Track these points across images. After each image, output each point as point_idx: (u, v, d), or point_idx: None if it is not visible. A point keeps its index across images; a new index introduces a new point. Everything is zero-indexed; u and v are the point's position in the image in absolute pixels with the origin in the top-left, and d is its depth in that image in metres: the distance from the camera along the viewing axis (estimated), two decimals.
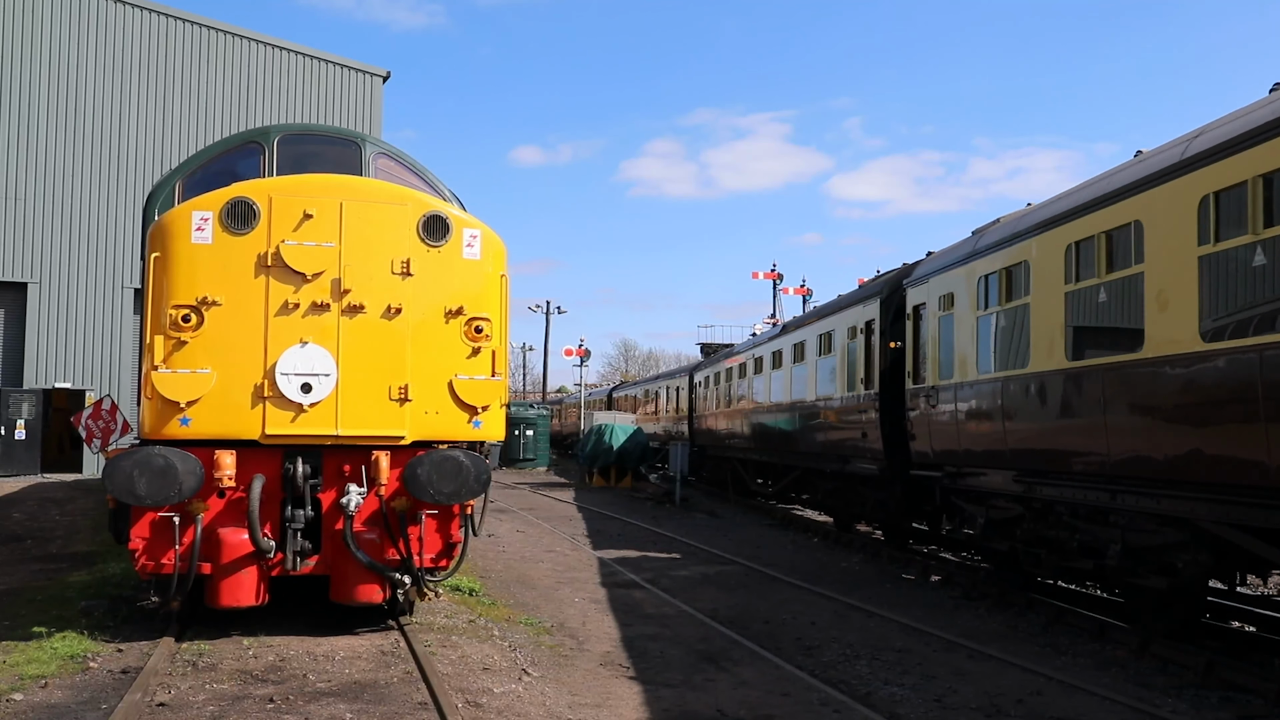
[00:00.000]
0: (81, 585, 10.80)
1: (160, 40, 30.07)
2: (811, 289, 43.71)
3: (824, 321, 18.99)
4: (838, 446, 17.57)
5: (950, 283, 12.95)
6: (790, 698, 7.71)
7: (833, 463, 17.91)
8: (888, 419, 15.14)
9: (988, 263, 11.86)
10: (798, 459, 20.64)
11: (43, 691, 6.84)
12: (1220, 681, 8.17)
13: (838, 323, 17.96)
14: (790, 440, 20.96)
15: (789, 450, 21.19)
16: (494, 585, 12.29)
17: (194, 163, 10.70)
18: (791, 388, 20.86)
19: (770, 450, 23.10)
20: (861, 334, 16.51)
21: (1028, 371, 10.68)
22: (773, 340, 23.27)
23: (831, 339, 18.30)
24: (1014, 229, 11.37)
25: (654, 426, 40.13)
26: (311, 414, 8.39)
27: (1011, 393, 11.02)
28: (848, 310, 17.54)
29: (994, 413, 11.42)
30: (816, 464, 19.15)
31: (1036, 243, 10.72)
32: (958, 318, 12.62)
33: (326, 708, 6.53)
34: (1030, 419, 10.71)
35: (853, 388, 16.82)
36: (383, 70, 32.46)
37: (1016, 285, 11.20)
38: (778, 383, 22.07)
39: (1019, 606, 11.46)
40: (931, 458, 13.33)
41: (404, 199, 8.97)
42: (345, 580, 8.44)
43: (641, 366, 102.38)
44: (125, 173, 29.48)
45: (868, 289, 17.00)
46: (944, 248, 14.07)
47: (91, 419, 17.77)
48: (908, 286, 14.65)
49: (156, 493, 7.82)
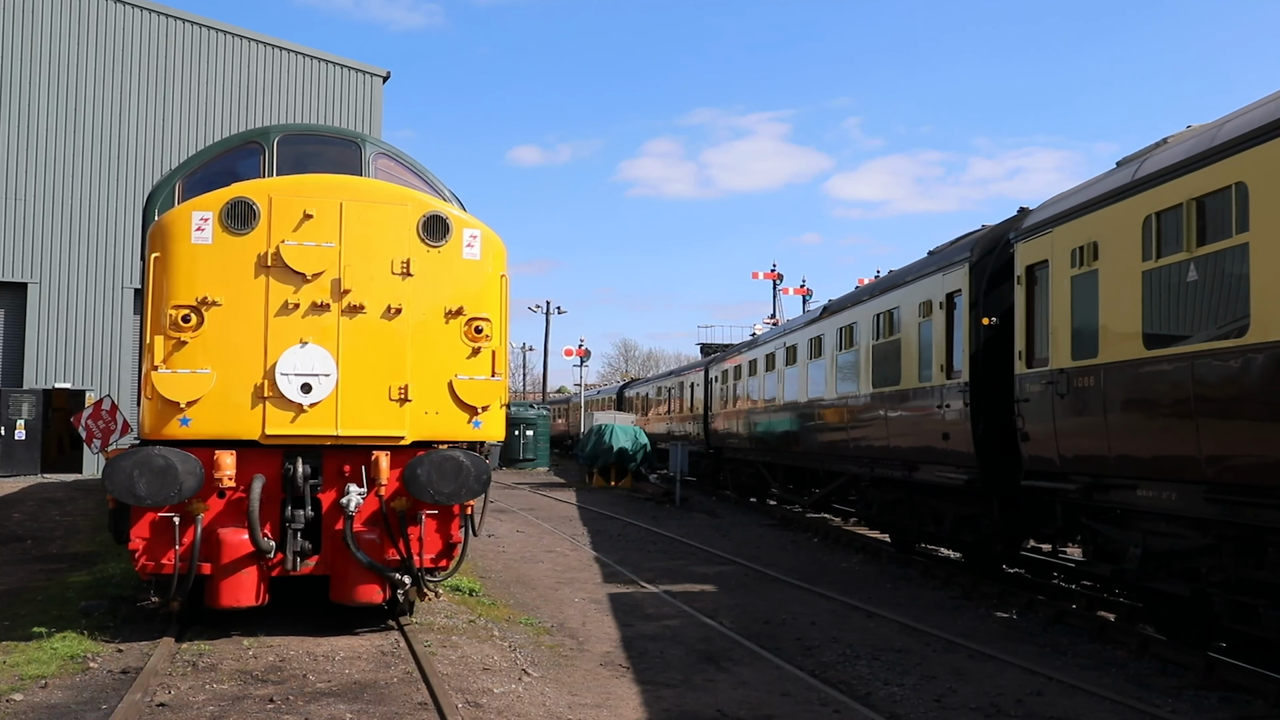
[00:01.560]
0: (81, 585, 10.81)
1: (160, 40, 30.09)
2: (811, 289, 43.78)
3: (883, 299, 15.51)
4: (901, 451, 14.44)
5: (1093, 228, 9.65)
6: (790, 698, 7.71)
7: (893, 469, 14.79)
8: (980, 415, 12.04)
9: (1162, 195, 8.56)
10: (844, 464, 17.35)
11: (43, 692, 6.85)
12: (1220, 682, 8.17)
13: (903, 298, 14.62)
14: (833, 443, 17.81)
15: (832, 454, 17.99)
16: (494, 585, 12.29)
17: (194, 163, 10.71)
18: (836, 380, 17.61)
19: (806, 454, 19.80)
20: (941, 309, 13.23)
21: (1245, 343, 7.41)
22: (810, 325, 19.85)
23: (894, 319, 14.94)
24: (1212, 141, 8.07)
25: (667, 427, 37.05)
26: (311, 414, 8.39)
27: (1213, 373, 7.77)
28: (918, 283, 14.17)
29: (1177, 403, 8.17)
30: (869, 470, 15.88)
31: (1261, 154, 7.40)
32: (1108, 274, 9.35)
33: (326, 708, 6.53)
34: (1246, 412, 7.48)
35: (927, 377, 13.50)
36: (383, 70, 32.47)
37: (1220, 220, 7.91)
38: (817, 375, 18.84)
39: (1019, 606, 11.46)
40: (1058, 465, 10.12)
41: (404, 199, 8.98)
42: (345, 580, 8.45)
43: (641, 366, 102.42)
44: (125, 173, 29.50)
45: (947, 254, 13.51)
46: (1066, 190, 10.86)
47: (91, 419, 17.77)
48: (1017, 242, 11.33)
49: (156, 493, 7.82)
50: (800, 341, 20.37)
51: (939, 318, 13.32)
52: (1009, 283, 11.67)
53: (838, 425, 17.53)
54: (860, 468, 16.38)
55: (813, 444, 19.15)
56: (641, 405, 43.72)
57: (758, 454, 24.25)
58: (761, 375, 23.61)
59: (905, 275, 14.97)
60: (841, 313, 17.70)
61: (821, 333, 18.77)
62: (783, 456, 21.86)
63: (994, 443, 11.79)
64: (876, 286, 16.46)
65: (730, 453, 27.57)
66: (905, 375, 14.31)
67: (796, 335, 20.85)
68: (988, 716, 7.42)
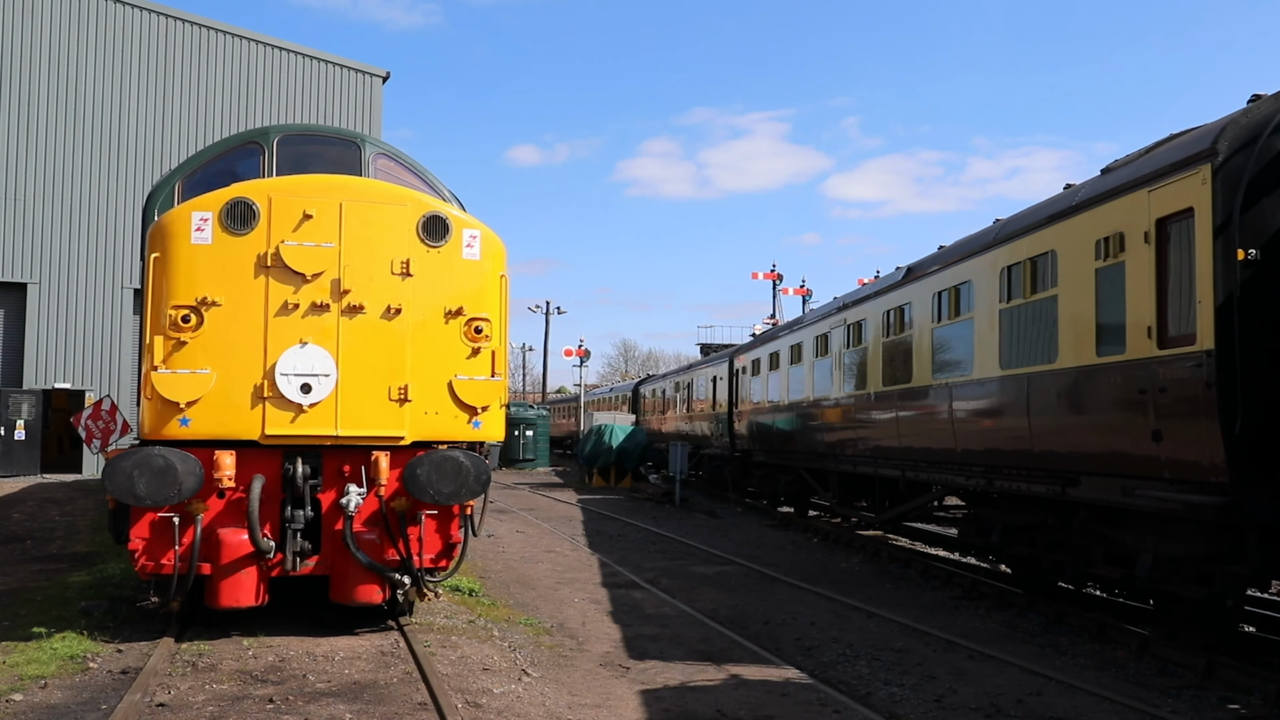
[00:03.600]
0: (81, 585, 10.81)
1: (160, 40, 30.09)
2: (811, 289, 43.79)
3: (1018, 244, 11.22)
4: (1051, 457, 10.32)
5: None
6: (790, 698, 7.71)
7: (1032, 483, 10.77)
8: (1236, 402, 7.76)
9: None
10: (942, 473, 13.22)
11: (42, 692, 6.85)
12: (1220, 682, 8.17)
13: (1064, 238, 10.24)
14: (923, 448, 13.75)
15: (920, 461, 13.86)
16: (494, 585, 12.30)
17: (194, 163, 10.71)
18: (934, 362, 13.40)
19: (876, 458, 15.58)
20: (1146, 243, 8.89)
21: None
22: (881, 296, 15.66)
23: (1043, 270, 10.69)
24: None
25: (685, 427, 33.00)
26: (311, 414, 8.39)
27: None
28: (1097, 211, 9.73)
29: None
30: (985, 483, 11.86)
31: None
32: None
33: (326, 708, 6.53)
34: None
35: (1115, 349, 9.22)
36: (382, 70, 32.48)
37: None
38: (901, 356, 14.56)
39: (1018, 606, 11.46)
40: None
41: (404, 199, 8.98)
42: (345, 580, 8.45)
43: (641, 367, 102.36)
44: (125, 173, 29.50)
45: (1159, 157, 9.12)
46: None
47: (91, 419, 17.78)
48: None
49: (156, 493, 7.82)
50: (870, 317, 16.08)
51: (1140, 258, 9.00)
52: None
53: (928, 424, 13.57)
54: (971, 479, 12.27)
55: (886, 447, 15.11)
56: (660, 404, 38.69)
57: (802, 458, 20.05)
58: (809, 362, 19.47)
59: (1065, 204, 10.46)
60: (936, 274, 13.56)
61: (906, 302, 14.62)
62: (840, 462, 17.46)
63: (1262, 445, 7.75)
64: (1003, 230, 11.83)
65: (764, 455, 23.36)
66: (1067, 349, 10.05)
67: (863, 309, 16.47)
68: (987, 716, 7.43)
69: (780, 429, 21.56)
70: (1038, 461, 10.61)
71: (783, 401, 21.31)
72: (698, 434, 31.04)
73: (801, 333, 20.34)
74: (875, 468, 15.70)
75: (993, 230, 12.28)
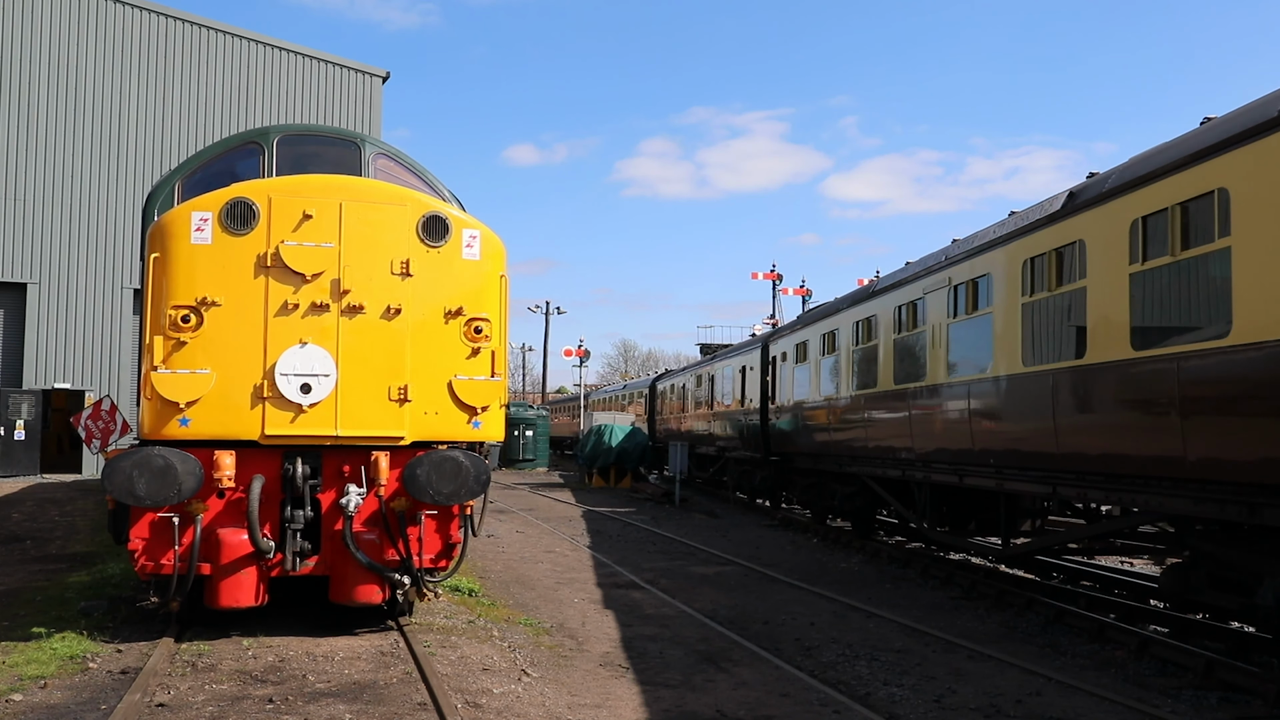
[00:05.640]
0: (81, 586, 10.81)
1: (160, 40, 30.09)
2: (811, 289, 43.81)
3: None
4: None
5: None
6: (790, 698, 7.71)
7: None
8: None
9: None
10: (1161, 493, 8.63)
11: (42, 692, 6.85)
12: (1220, 682, 8.17)
13: None
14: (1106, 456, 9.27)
15: (1102, 474, 9.42)
16: (493, 586, 12.30)
17: (193, 163, 10.71)
18: (1103, 329, 9.21)
19: (1002, 468, 11.37)
20: None
21: None
22: (998, 247, 11.43)
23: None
24: None
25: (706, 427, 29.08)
26: (311, 414, 8.39)
27: None
28: None
29: None
30: (1218, 510, 7.96)
31: None
32: None
33: (326, 708, 6.53)
34: None
35: None
36: (382, 70, 32.48)
37: None
38: (1013, 334, 10.93)
39: (1018, 607, 11.46)
40: None
41: (403, 199, 8.98)
42: (345, 581, 8.45)
43: (641, 367, 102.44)
44: (124, 173, 29.51)
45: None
46: None
47: (91, 419, 17.76)
48: None
49: (156, 493, 7.82)
50: (995, 271, 11.52)
51: None
52: None
53: (1079, 421, 9.74)
54: (1195, 505, 8.23)
55: (1012, 452, 11.06)
56: (679, 402, 34.21)
57: (870, 464, 15.82)
58: (886, 342, 14.96)
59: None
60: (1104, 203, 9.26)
61: (1032, 255, 10.58)
62: (938, 470, 13.16)
63: None
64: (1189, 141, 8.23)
65: (808, 460, 19.38)
66: None
67: (973, 263, 12.12)
68: (987, 717, 7.42)
69: (836, 429, 17.26)
70: None
71: (841, 395, 16.91)
72: (723, 435, 26.78)
73: (874, 303, 15.60)
74: (1000, 480, 11.52)
75: (1191, 131, 8.57)
